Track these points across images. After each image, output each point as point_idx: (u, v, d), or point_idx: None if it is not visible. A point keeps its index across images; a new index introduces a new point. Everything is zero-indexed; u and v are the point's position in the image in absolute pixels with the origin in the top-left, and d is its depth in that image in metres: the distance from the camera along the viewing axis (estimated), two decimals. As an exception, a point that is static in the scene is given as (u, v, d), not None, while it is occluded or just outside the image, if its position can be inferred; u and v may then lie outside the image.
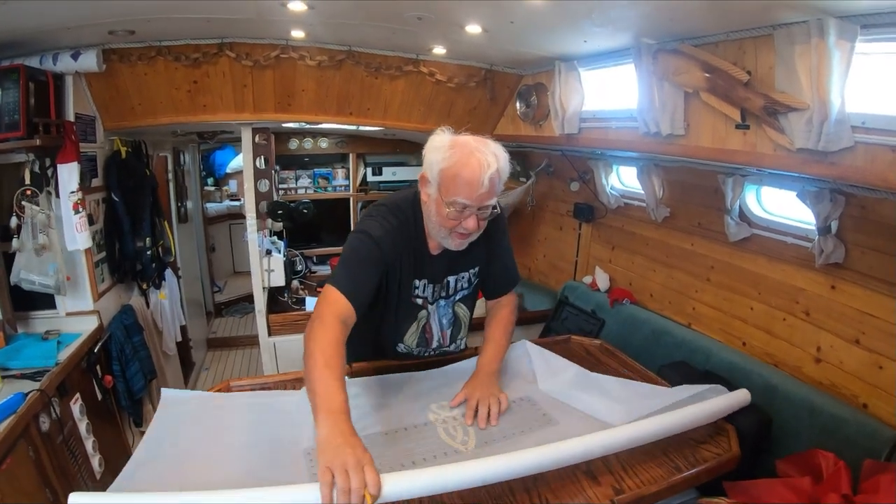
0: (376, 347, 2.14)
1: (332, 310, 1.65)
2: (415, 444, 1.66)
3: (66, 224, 2.80)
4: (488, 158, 1.66)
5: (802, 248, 2.35)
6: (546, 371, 2.07)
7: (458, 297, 2.10)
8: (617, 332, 3.26)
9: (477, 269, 2.07)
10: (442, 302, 2.08)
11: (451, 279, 2.04)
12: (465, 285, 2.09)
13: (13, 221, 2.70)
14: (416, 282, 1.97)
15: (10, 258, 2.77)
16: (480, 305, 2.20)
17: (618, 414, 1.79)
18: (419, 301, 2.02)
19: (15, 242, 2.69)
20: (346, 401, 1.42)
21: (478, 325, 2.21)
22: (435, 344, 2.15)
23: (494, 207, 1.77)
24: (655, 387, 1.99)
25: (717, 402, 1.78)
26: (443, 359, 2.18)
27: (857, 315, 2.14)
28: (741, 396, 1.83)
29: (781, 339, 2.48)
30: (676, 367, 2.57)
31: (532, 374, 2.09)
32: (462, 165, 1.66)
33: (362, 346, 2.10)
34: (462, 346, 2.27)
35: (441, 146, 1.71)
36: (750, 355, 2.58)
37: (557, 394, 1.95)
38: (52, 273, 2.77)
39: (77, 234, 2.81)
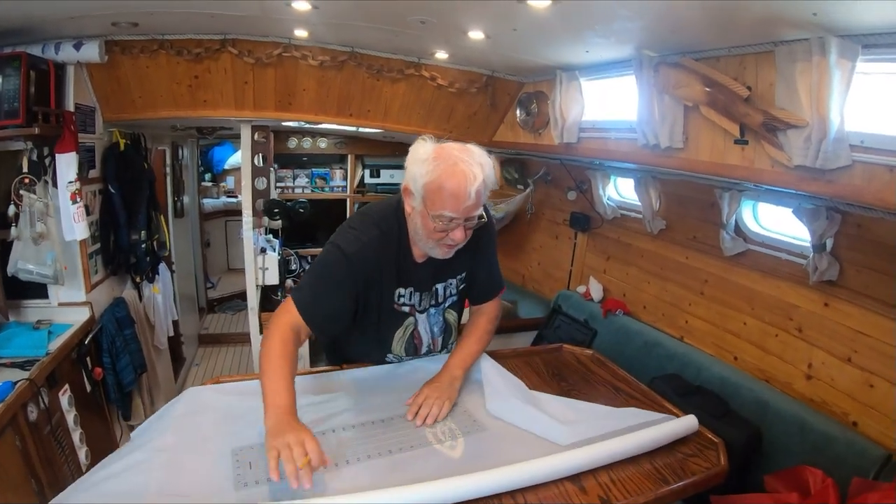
0: (368, 359, 2.13)
1: (286, 319, 1.74)
2: (404, 452, 1.65)
3: (63, 214, 2.78)
4: (473, 170, 1.63)
5: (797, 265, 2.36)
6: (494, 391, 1.99)
7: (447, 305, 2.09)
8: (609, 343, 3.26)
9: (463, 274, 2.06)
10: (432, 311, 2.06)
11: (440, 287, 2.03)
12: (453, 291, 2.08)
13: (11, 210, 2.68)
14: (402, 290, 1.95)
15: (3, 246, 2.76)
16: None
17: (565, 434, 1.74)
18: (405, 309, 1.99)
19: (13, 231, 2.68)
20: (293, 400, 1.54)
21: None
22: (424, 350, 2.13)
23: (481, 217, 1.75)
24: (606, 408, 1.97)
25: (666, 427, 1.79)
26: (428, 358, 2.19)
27: (850, 333, 2.14)
28: (688, 423, 1.82)
29: (773, 355, 2.48)
30: (669, 379, 2.57)
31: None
32: (447, 178, 1.62)
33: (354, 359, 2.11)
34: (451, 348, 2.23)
35: (425, 158, 1.67)
36: (742, 370, 2.59)
37: (504, 413, 1.88)
38: (49, 262, 2.76)
39: (75, 225, 2.80)
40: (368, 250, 1.79)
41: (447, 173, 1.62)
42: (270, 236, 4.45)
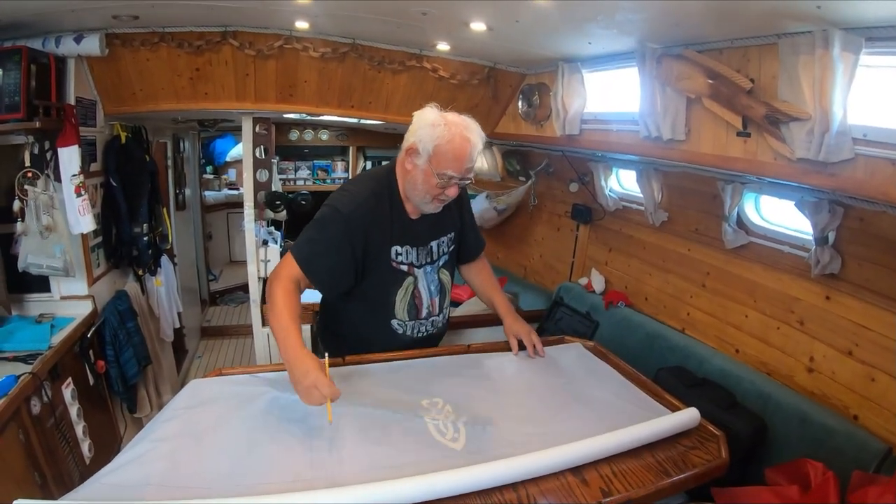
0: (374, 332, 2.18)
1: (286, 272, 1.95)
2: (407, 445, 1.66)
3: (68, 207, 2.78)
4: (473, 137, 1.97)
5: (799, 258, 2.35)
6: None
7: (441, 263, 2.26)
8: (611, 335, 3.26)
9: (453, 234, 2.29)
10: (428, 268, 2.20)
11: (434, 244, 2.21)
12: (445, 250, 2.26)
13: (16, 204, 2.68)
14: (398, 248, 2.11)
15: (3, 240, 2.76)
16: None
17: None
18: (403, 267, 2.14)
19: (20, 226, 2.68)
20: (300, 341, 1.80)
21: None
22: (425, 313, 2.23)
23: (469, 178, 2.05)
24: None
25: (667, 419, 1.80)
26: (430, 350, 2.24)
27: (852, 326, 2.14)
28: (690, 415, 1.84)
29: (775, 348, 2.48)
30: (674, 371, 2.57)
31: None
32: (454, 143, 1.93)
33: (362, 335, 2.19)
34: (447, 316, 2.39)
35: (437, 123, 1.94)
36: (743, 363, 2.59)
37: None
38: (58, 255, 2.77)
39: (80, 218, 2.79)
40: (363, 208, 1.99)
41: (457, 138, 1.93)
42: (272, 228, 4.44)
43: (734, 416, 2.23)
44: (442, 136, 1.92)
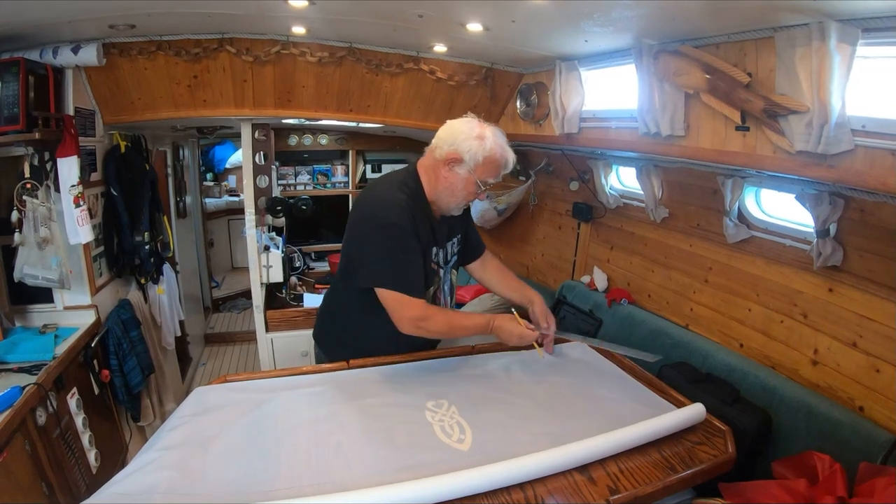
0: (391, 330, 2.16)
1: (415, 305, 2.06)
2: (413, 447, 1.67)
3: (67, 218, 2.78)
4: (508, 147, 2.15)
5: (801, 251, 2.35)
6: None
7: (452, 263, 2.41)
8: (614, 332, 3.26)
9: (460, 235, 2.43)
10: (446, 268, 2.34)
11: (449, 244, 2.35)
12: (455, 251, 2.41)
13: (14, 215, 2.68)
14: (435, 248, 2.25)
15: (7, 251, 2.77)
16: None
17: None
18: (434, 267, 2.27)
19: (17, 237, 2.68)
20: (485, 316, 2.16)
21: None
22: None
23: None
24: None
25: (673, 416, 1.80)
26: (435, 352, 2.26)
27: (855, 318, 2.14)
28: (696, 411, 1.86)
29: (779, 342, 2.48)
30: (678, 367, 2.57)
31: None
32: (497, 154, 2.10)
33: (382, 334, 2.20)
34: None
35: (483, 135, 2.08)
36: (747, 357, 2.58)
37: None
38: (55, 266, 2.76)
39: (79, 228, 2.80)
40: (410, 213, 2.07)
41: (499, 149, 2.10)
42: (274, 234, 4.46)
43: (739, 410, 2.23)
44: (491, 149, 2.07)
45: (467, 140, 2.07)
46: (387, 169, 5.51)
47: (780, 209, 2.52)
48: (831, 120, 1.63)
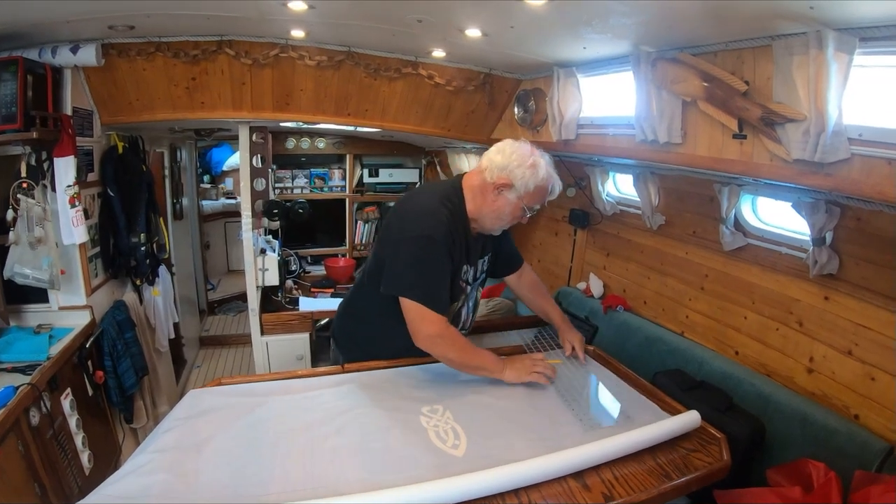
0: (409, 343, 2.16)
1: (437, 321, 2.02)
2: (408, 452, 1.66)
3: (62, 218, 2.78)
4: (557, 177, 2.19)
5: (797, 259, 2.35)
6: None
7: (480, 280, 2.42)
8: (610, 339, 3.26)
9: (490, 254, 2.41)
10: (473, 285, 2.34)
11: (480, 262, 2.35)
12: (484, 269, 2.40)
13: (9, 214, 2.68)
14: (466, 266, 2.24)
15: (1, 251, 2.76)
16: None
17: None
18: (462, 284, 2.27)
19: (11, 235, 2.67)
20: (497, 357, 2.15)
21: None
22: (459, 327, 2.31)
23: None
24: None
25: (668, 423, 1.80)
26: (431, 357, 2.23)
27: (851, 326, 2.14)
28: (691, 418, 1.86)
29: (774, 349, 2.48)
30: (672, 374, 2.56)
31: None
32: (549, 184, 2.15)
33: (400, 343, 2.17)
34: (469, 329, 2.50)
35: (536, 164, 2.10)
36: (743, 364, 2.59)
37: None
38: (45, 267, 2.75)
39: (73, 229, 2.80)
40: (447, 228, 2.05)
41: (550, 179, 2.15)
42: (270, 237, 4.45)
43: (731, 418, 2.23)
44: (543, 177, 2.11)
45: (521, 167, 2.08)
46: (384, 173, 5.53)
47: (777, 217, 2.53)
48: (828, 128, 1.63)
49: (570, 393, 2.09)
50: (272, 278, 4.04)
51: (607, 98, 2.86)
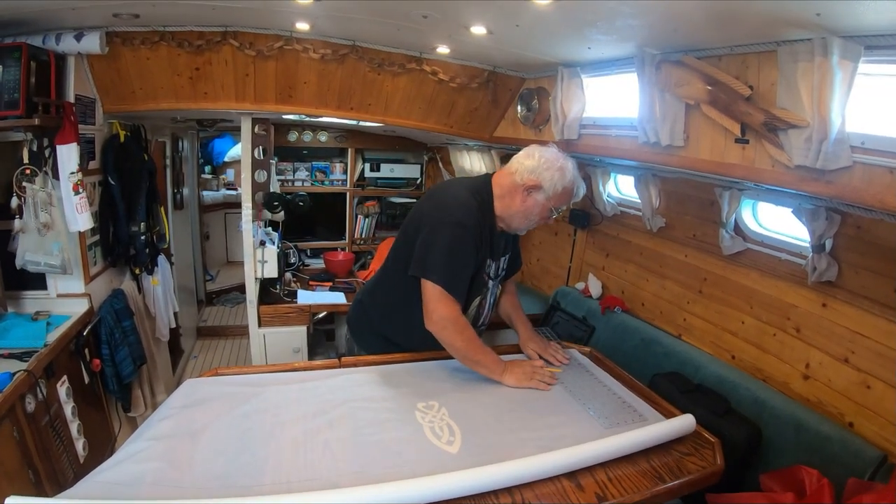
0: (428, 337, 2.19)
1: (453, 308, 2.09)
2: (402, 447, 1.67)
3: (66, 205, 2.77)
4: (581, 180, 2.29)
5: (796, 265, 2.36)
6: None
7: (501, 276, 2.50)
8: (607, 340, 3.26)
9: (510, 252, 2.50)
10: (494, 280, 2.44)
11: (502, 259, 2.44)
12: (504, 266, 2.49)
13: (14, 202, 2.68)
14: (490, 260, 2.32)
15: (1, 236, 2.75)
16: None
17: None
18: (485, 278, 2.35)
19: (17, 223, 2.68)
20: (498, 357, 2.21)
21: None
22: (480, 322, 2.46)
23: None
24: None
25: (663, 426, 1.81)
26: (427, 354, 2.26)
27: (848, 334, 2.14)
28: (686, 422, 1.87)
29: (771, 355, 2.49)
30: (670, 377, 2.57)
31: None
32: (575, 186, 2.25)
33: (418, 334, 2.21)
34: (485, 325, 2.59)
35: (564, 167, 2.20)
36: (739, 369, 2.59)
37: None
38: (56, 252, 2.76)
39: (78, 216, 2.79)
40: (477, 219, 2.15)
41: (577, 181, 2.25)
42: (270, 229, 4.45)
43: (728, 422, 2.24)
44: (570, 180, 2.22)
45: (549, 170, 2.18)
46: (385, 168, 5.52)
47: (777, 223, 2.53)
48: (831, 135, 1.63)
49: (566, 393, 2.09)
50: (271, 270, 4.04)
51: (610, 99, 2.86)
